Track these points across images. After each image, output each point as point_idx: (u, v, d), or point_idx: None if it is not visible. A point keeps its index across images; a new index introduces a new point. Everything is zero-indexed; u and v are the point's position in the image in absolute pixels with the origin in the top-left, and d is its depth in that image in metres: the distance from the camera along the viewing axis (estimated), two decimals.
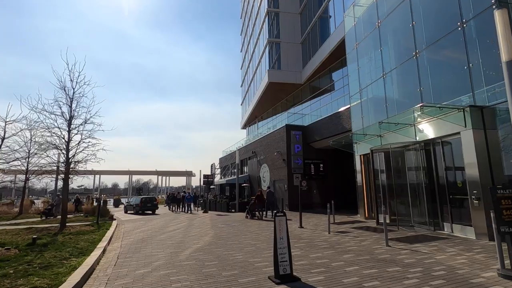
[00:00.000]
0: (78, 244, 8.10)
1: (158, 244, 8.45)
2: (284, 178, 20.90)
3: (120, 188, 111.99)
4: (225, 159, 39.39)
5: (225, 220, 15.09)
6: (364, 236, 8.53)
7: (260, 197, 16.58)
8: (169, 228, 12.61)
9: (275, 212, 5.09)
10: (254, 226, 12.25)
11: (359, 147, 13.60)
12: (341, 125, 17.25)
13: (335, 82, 21.62)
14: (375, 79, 12.85)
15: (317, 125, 20.24)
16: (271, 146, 23.48)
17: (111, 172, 56.51)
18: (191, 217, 17.88)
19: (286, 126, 21.31)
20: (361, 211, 13.19)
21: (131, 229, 12.54)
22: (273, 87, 26.84)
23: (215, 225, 12.91)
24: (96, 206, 21.47)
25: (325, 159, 21.77)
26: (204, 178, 22.86)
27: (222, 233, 10.27)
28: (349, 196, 21.43)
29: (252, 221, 14.34)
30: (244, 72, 41.83)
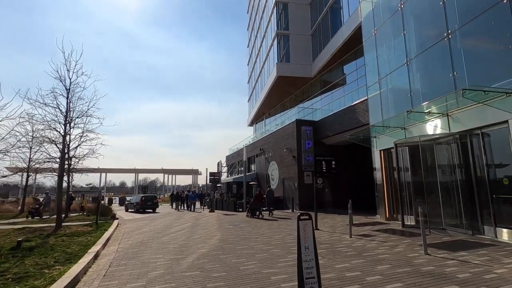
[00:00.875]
0: (69, 248, 7.21)
1: (158, 248, 7.51)
2: (294, 176, 19.84)
3: (127, 187, 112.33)
4: (231, 157, 38.48)
5: (232, 220, 14.12)
6: (393, 241, 7.44)
7: (259, 196, 16.21)
8: (173, 229, 11.70)
9: (299, 215, 4.07)
10: (264, 227, 11.24)
11: (378, 142, 12.45)
12: (356, 119, 16.10)
13: (348, 75, 20.42)
14: (396, 67, 11.68)
15: (329, 120, 19.10)
16: (280, 142, 22.42)
17: (117, 170, 56.20)
18: (197, 217, 16.97)
19: (296, 121, 20.22)
20: (381, 212, 12.06)
21: (132, 230, 11.67)
22: (282, 82, 25.75)
23: (221, 226, 11.95)
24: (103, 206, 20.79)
25: (337, 155, 20.46)
26: (210, 176, 21.94)
27: (229, 236, 9.29)
28: (365, 195, 20.23)
29: (261, 221, 13.34)
30: (251, 68, 40.79)
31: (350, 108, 16.80)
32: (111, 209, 18.67)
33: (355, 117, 16.19)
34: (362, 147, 21.21)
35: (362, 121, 15.53)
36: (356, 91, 18.93)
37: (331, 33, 21.40)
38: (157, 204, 24.37)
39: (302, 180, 19.84)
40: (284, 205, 21.30)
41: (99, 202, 12.30)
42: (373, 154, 13.02)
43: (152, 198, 24.01)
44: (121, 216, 19.09)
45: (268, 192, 18.53)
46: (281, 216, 15.52)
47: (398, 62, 11.61)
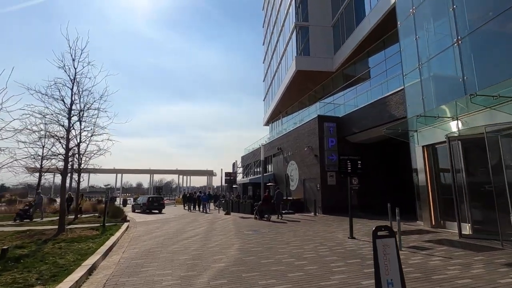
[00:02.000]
0: (63, 258, 6.07)
1: (166, 260, 6.26)
2: (316, 177, 18.29)
3: (144, 188, 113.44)
4: (247, 157, 37.24)
5: (250, 225, 12.78)
6: (460, 257, 5.85)
7: (267, 198, 15.79)
8: (186, 233, 10.48)
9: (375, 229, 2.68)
10: (288, 233, 9.83)
11: (420, 136, 10.77)
12: (388, 113, 14.43)
13: (375, 66, 18.69)
14: (442, 49, 10.02)
15: (355, 116, 17.46)
16: (300, 141, 20.92)
17: (133, 171, 56.20)
18: (212, 220, 15.75)
19: (318, 117, 18.68)
20: (425, 218, 10.36)
21: (141, 234, 10.53)
22: (301, 77, 24.26)
23: (240, 231, 10.63)
24: (112, 206, 20.00)
25: (364, 154, 18.78)
26: (226, 177, 20.75)
27: (250, 244, 7.94)
28: (396, 197, 18.34)
29: (283, 226, 11.92)
30: (267, 66, 39.49)
31: (380, 101, 15.14)
32: (122, 210, 17.77)
33: (387, 110, 14.52)
34: (391, 145, 19.42)
35: (395, 114, 13.86)
36: (385, 83, 17.21)
37: (355, 23, 19.76)
38: (163, 205, 24.52)
39: (325, 180, 18.32)
40: (305, 207, 19.77)
41: (107, 203, 11.28)
42: (413, 151, 11.34)
43: (158, 199, 24.26)
44: (132, 218, 18.16)
45: (277, 194, 17.33)
46: (303, 220, 14.03)
47: (445, 43, 9.95)
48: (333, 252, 6.65)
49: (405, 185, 17.59)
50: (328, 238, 8.67)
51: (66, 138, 9.98)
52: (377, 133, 16.02)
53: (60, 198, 10.18)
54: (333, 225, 11.96)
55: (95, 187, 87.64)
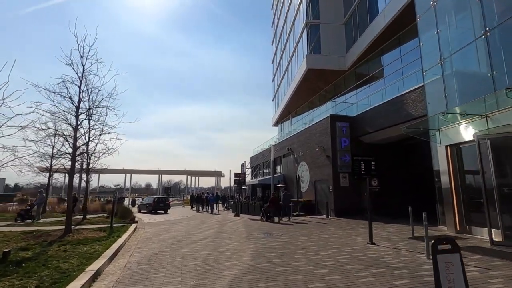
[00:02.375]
0: (67, 262, 5.74)
1: (176, 266, 5.87)
2: (329, 178, 17.72)
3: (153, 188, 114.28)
4: (256, 158, 36.82)
5: (261, 227, 12.32)
6: (498, 268, 5.28)
7: (274, 199, 15.62)
8: (195, 236, 10.09)
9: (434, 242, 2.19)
10: (302, 237, 9.33)
11: (443, 136, 10.14)
12: (405, 112, 13.79)
13: (390, 64, 18.03)
14: (468, 43, 9.40)
15: (369, 115, 16.84)
16: (311, 141, 20.38)
17: (142, 171, 56.44)
18: (221, 221, 15.36)
19: (330, 116, 18.12)
20: (448, 222, 9.71)
21: (150, 236, 10.20)
22: (311, 76, 23.72)
23: (251, 235, 10.19)
24: (120, 206, 19.85)
25: (378, 155, 18.12)
26: (235, 178, 20.36)
27: (264, 249, 7.49)
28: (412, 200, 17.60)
29: (297, 229, 11.41)
30: (276, 66, 39.06)
31: (396, 100, 14.50)
32: (131, 211, 17.56)
33: (404, 109, 13.88)
34: (407, 146, 18.70)
35: (413, 113, 13.23)
36: (401, 81, 16.54)
37: (368, 19, 19.15)
38: (169, 206, 25.02)
39: (338, 182, 17.71)
40: (316, 210, 19.20)
41: (114, 204, 11.01)
42: (434, 151, 10.70)
43: (164, 199, 24.69)
44: (141, 218, 17.93)
45: (284, 195, 16.83)
46: (315, 222, 13.48)
47: (469, 36, 9.33)
48: (354, 259, 6.14)
49: (422, 187, 16.90)
50: (345, 243, 8.15)
51: (73, 137, 9.72)
52: (393, 132, 15.39)
53: (67, 198, 9.93)
54: (348, 229, 11.40)
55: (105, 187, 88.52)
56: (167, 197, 27.95)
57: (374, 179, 8.31)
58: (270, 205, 15.49)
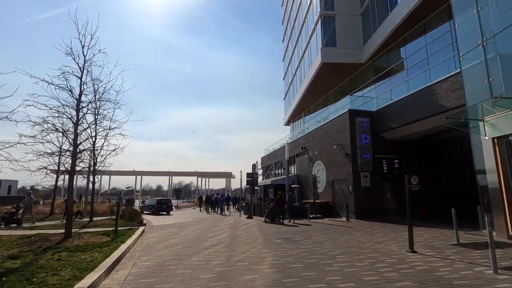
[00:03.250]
0: (56, 275, 4.84)
1: (185, 279, 4.89)
2: (348, 177, 16.50)
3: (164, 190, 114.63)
4: (267, 158, 35.76)
5: (278, 231, 11.24)
6: None
7: (280, 201, 15.14)
8: (206, 241, 9.12)
9: None
10: (327, 243, 8.23)
11: (489, 127, 8.85)
12: (435, 104, 12.50)
13: (414, 54, 16.71)
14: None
15: (392, 109, 15.56)
16: (328, 138, 19.20)
17: (152, 173, 56.17)
18: (233, 224, 14.36)
19: (349, 111, 16.92)
20: (498, 227, 8.40)
21: (157, 241, 9.28)
22: (326, 70, 22.55)
23: (268, 239, 9.14)
24: (128, 208, 19.15)
25: (401, 152, 16.92)
26: (247, 178, 19.37)
27: (286, 258, 6.44)
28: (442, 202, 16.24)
29: (317, 233, 10.31)
30: (287, 63, 37.98)
31: (424, 91, 13.22)
32: (139, 213, 16.78)
33: (434, 101, 12.59)
34: (435, 142, 17.30)
35: (445, 105, 11.95)
36: (427, 72, 15.22)
37: (389, 7, 17.90)
38: (171, 207, 25.81)
39: (358, 182, 16.47)
40: (334, 212, 18.00)
41: (119, 206, 10.13)
42: (477, 145, 9.41)
43: (167, 201, 25.25)
44: (149, 221, 17.11)
45: (289, 197, 16.34)
46: (336, 225, 12.31)
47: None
48: (401, 273, 5.03)
49: (454, 187, 15.57)
50: (380, 251, 7.01)
51: (74, 133, 8.91)
52: (421, 127, 14.11)
53: (67, 200, 9.12)
54: (375, 233, 10.21)
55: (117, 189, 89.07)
56: (169, 199, 28.66)
57: (413, 176, 7.07)
58: (275, 206, 15.03)
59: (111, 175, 51.58)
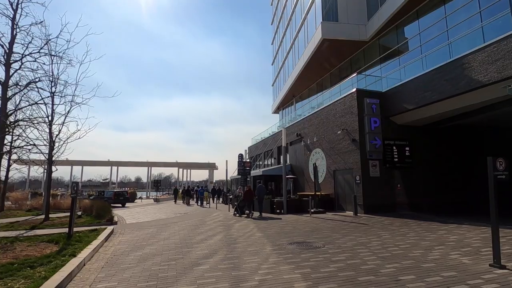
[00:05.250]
0: None
1: None
2: (355, 167, 14.52)
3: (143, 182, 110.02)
4: (255, 147, 33.46)
5: (283, 230, 8.99)
6: None
7: (248, 193, 14.60)
8: (196, 249, 6.71)
9: None
10: (360, 249, 6.09)
11: None
12: (467, 78, 10.59)
13: (429, 28, 14.78)
14: None
15: (407, 89, 13.59)
16: (329, 123, 17.11)
17: (129, 163, 52.34)
18: (225, 222, 11.99)
19: (357, 91, 14.83)
20: None
21: (127, 250, 6.76)
22: (325, 49, 20.35)
23: (278, 245, 6.87)
24: (97, 202, 16.27)
25: (413, 139, 15.13)
26: (238, 167, 16.99)
27: (328, 282, 4.19)
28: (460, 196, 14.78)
29: (337, 236, 8.17)
30: (277, 47, 35.49)
31: (452, 66, 11.27)
32: (110, 209, 14.01)
33: (465, 75, 10.68)
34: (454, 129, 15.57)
35: (481, 79, 10.07)
36: (447, 46, 13.33)
37: None
38: (128, 199, 27.03)
39: (367, 171, 14.54)
40: (336, 205, 16.06)
41: (74, 202, 7.41)
42: None
43: (123, 193, 26.67)
44: (122, 218, 14.41)
45: (259, 188, 15.28)
46: (347, 222, 10.25)
47: None
48: None
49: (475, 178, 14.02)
50: (449, 265, 4.93)
51: (2, 96, 6.12)
52: (443, 108, 12.27)
53: None
54: (407, 233, 8.21)
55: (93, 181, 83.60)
56: (126, 192, 29.66)
57: (499, 159, 4.94)
58: (244, 198, 14.39)
59: (83, 166, 47.39)
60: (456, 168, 15.57)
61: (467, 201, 14.67)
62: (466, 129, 15.91)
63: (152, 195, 40.49)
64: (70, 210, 7.52)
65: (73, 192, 7.61)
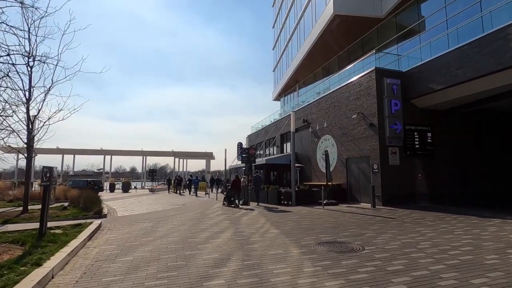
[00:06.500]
0: None
1: None
2: (372, 154, 13.14)
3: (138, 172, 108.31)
4: (255, 136, 31.96)
5: (301, 226, 7.59)
6: None
7: (236, 182, 14.16)
8: (202, 253, 5.29)
9: None
10: (410, 251, 4.73)
11: None
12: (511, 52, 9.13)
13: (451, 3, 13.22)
14: None
15: (434, 67, 12.10)
16: (341, 108, 15.64)
17: (123, 152, 50.32)
18: (228, 215, 10.55)
19: (376, 70, 13.31)
20: None
21: (114, 254, 5.31)
22: (336, 27, 18.71)
23: (305, 246, 5.47)
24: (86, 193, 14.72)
25: (434, 124, 13.76)
26: (242, 154, 15.51)
27: None
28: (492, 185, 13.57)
29: (360, 229, 6.80)
30: (279, 29, 33.57)
31: (494, 37, 9.77)
32: (100, 200, 12.51)
33: (510, 48, 9.21)
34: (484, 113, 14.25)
35: None
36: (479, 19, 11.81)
37: None
38: (102, 188, 27.93)
39: (386, 159, 13.21)
40: (349, 196, 14.75)
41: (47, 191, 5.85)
42: None
43: (97, 182, 27.23)
44: (113, 209, 12.93)
45: (255, 178, 14.87)
46: (371, 216, 8.91)
47: None
48: None
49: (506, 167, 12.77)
50: None
51: None
52: (478, 88, 10.85)
53: None
54: (455, 230, 6.87)
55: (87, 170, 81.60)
56: (100, 181, 30.59)
57: None
58: (232, 188, 14.11)
59: (75, 154, 45.47)
60: (481, 157, 14.31)
61: (492, 192, 13.49)
62: (494, 114, 14.60)
63: (148, 185, 39.00)
64: (42, 202, 5.99)
65: (45, 179, 6.06)
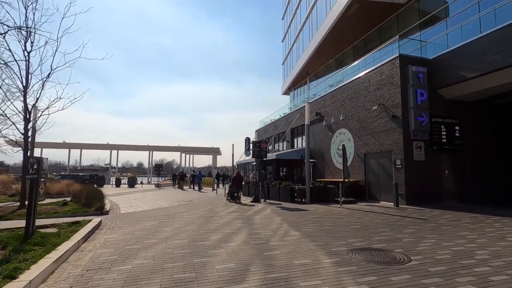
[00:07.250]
0: None
1: None
2: (395, 148, 12.10)
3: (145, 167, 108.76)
4: (264, 131, 31.04)
5: (324, 228, 6.68)
6: None
7: (237, 178, 14.12)
8: (213, 259, 4.43)
9: None
10: (485, 270, 3.78)
11: None
12: None
13: None
14: None
15: (467, 53, 10.93)
16: (358, 99, 14.58)
17: (130, 147, 50.08)
18: (239, 212, 9.68)
19: (400, 57, 12.21)
20: None
21: (111, 258, 4.49)
22: (351, 17, 17.61)
23: (337, 254, 4.56)
24: (88, 188, 14.05)
25: (463, 117, 12.64)
26: (253, 148, 14.58)
27: None
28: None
29: (396, 233, 5.85)
30: (288, 21, 32.39)
31: None
32: (103, 195, 11.77)
33: None
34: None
35: None
36: None
37: None
38: (102, 182, 29.25)
39: (410, 154, 12.17)
40: (367, 194, 13.76)
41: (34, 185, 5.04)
42: None
43: (94, 176, 28.34)
44: (117, 205, 12.19)
45: (261, 174, 14.36)
46: (400, 217, 7.92)
47: None
48: None
49: None
50: None
51: None
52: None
53: None
54: (507, 236, 5.87)
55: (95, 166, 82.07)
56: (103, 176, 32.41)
57: None
58: (233, 184, 14.11)
59: (82, 149, 45.28)
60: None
61: None
62: None
63: (154, 180, 38.52)
64: (29, 198, 5.18)
65: (33, 171, 5.25)
